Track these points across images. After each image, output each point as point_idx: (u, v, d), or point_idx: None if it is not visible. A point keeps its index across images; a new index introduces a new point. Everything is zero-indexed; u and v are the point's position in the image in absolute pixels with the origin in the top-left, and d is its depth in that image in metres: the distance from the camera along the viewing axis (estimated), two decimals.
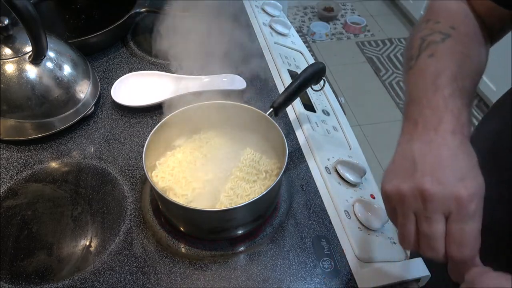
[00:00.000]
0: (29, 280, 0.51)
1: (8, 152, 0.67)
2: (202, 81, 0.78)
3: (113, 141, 0.69)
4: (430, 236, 0.36)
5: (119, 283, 0.51)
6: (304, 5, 3.03)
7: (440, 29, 0.49)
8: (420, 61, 0.47)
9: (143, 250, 0.55)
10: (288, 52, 0.91)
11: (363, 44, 2.69)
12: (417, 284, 0.53)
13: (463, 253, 0.34)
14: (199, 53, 0.74)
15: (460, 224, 0.34)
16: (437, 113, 0.40)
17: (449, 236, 0.35)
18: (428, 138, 0.39)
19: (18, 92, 0.64)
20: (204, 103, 0.63)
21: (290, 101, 0.64)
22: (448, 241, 0.35)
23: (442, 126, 0.39)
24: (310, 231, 0.57)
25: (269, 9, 1.02)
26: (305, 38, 2.72)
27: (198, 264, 0.54)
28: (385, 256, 0.54)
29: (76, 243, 0.55)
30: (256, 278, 0.52)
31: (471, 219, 0.34)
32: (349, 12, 2.99)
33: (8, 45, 0.65)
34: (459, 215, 0.35)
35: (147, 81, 0.78)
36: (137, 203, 0.60)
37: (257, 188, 0.57)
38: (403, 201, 0.38)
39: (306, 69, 0.64)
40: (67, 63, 0.70)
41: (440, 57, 0.46)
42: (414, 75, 0.47)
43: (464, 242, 0.34)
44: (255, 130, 0.64)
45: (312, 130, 0.70)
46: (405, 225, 0.38)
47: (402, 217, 0.38)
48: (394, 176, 0.39)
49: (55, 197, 0.61)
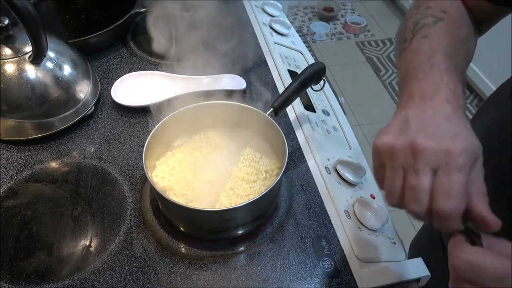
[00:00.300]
0: (29, 280, 0.51)
1: (8, 152, 0.67)
2: (202, 81, 0.78)
3: (113, 141, 0.69)
4: (416, 187, 0.36)
5: (119, 283, 0.51)
6: (304, 5, 3.03)
7: (432, 13, 0.50)
8: (414, 42, 0.48)
9: (143, 250, 0.55)
10: (288, 52, 0.91)
11: (363, 44, 2.69)
12: (417, 284, 0.53)
13: (449, 205, 0.34)
14: (199, 53, 0.75)
15: (448, 176, 0.34)
16: (433, 86, 0.41)
17: (436, 189, 0.35)
18: (423, 106, 0.40)
19: (18, 92, 0.64)
20: (204, 103, 0.63)
21: (290, 101, 0.64)
22: (435, 194, 0.35)
23: (438, 97, 0.40)
24: (310, 231, 0.57)
25: (269, 9, 1.02)
26: (305, 38, 2.72)
27: (198, 264, 0.54)
28: (385, 256, 0.54)
29: (76, 243, 0.55)
30: (256, 278, 0.52)
31: (459, 171, 0.34)
32: (349, 12, 2.99)
33: (8, 45, 0.65)
34: (447, 167, 0.35)
35: (147, 81, 0.78)
36: (137, 203, 0.60)
37: (257, 188, 0.57)
38: (393, 155, 0.38)
39: (306, 69, 0.64)
40: (67, 63, 0.70)
41: (433, 38, 0.47)
42: (409, 54, 0.48)
43: (451, 194, 0.34)
44: (255, 130, 0.64)
45: (312, 130, 0.70)
46: (394, 179, 0.38)
47: (391, 171, 0.38)
48: (386, 134, 0.39)
49: (55, 197, 0.61)
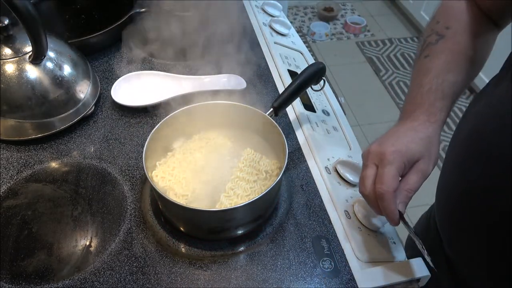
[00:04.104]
0: (29, 280, 0.51)
1: (8, 152, 0.67)
2: (202, 81, 0.78)
3: (113, 141, 0.69)
4: (363, 176, 0.50)
5: (119, 283, 0.51)
6: (304, 5, 3.03)
7: (437, 30, 0.60)
8: (419, 61, 0.60)
9: (143, 250, 0.55)
10: (288, 52, 0.91)
11: (363, 44, 2.69)
12: (417, 284, 0.53)
13: (382, 187, 0.47)
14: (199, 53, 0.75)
15: (382, 168, 0.48)
16: (413, 107, 0.55)
17: (376, 177, 0.49)
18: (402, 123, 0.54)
19: (18, 92, 0.64)
20: (204, 103, 0.63)
21: (290, 101, 0.64)
22: (375, 181, 0.49)
23: (412, 117, 0.53)
24: (310, 231, 0.57)
25: (269, 9, 1.02)
26: (305, 38, 2.72)
27: (198, 264, 0.54)
28: (385, 256, 0.54)
29: (76, 243, 0.55)
30: (256, 278, 0.52)
31: (389, 165, 0.48)
32: (349, 12, 2.99)
33: (8, 45, 0.65)
34: (382, 162, 0.49)
35: (147, 81, 0.78)
36: (137, 203, 0.60)
37: (257, 188, 0.57)
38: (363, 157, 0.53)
39: (306, 69, 0.64)
40: (67, 63, 0.70)
41: (432, 57, 0.58)
42: (414, 73, 0.59)
43: (382, 180, 0.47)
44: (255, 130, 0.64)
45: (312, 130, 0.70)
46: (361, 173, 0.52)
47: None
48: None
49: (55, 197, 0.61)
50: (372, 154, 0.51)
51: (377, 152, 0.50)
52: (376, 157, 0.50)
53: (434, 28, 0.61)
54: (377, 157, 0.50)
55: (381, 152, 0.49)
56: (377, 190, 0.48)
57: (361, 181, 0.51)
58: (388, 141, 0.51)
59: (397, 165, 0.48)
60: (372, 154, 0.51)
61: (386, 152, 0.49)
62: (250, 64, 0.82)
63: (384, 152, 0.49)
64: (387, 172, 0.48)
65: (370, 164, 0.50)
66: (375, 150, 0.50)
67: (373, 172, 0.50)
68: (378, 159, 0.50)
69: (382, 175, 0.48)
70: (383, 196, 0.47)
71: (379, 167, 0.49)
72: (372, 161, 0.50)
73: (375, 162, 0.50)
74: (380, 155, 0.49)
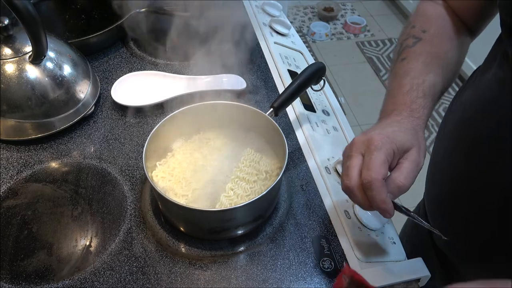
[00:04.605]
0: (29, 280, 0.51)
1: (8, 152, 0.67)
2: (202, 81, 0.78)
3: (113, 141, 0.69)
4: (348, 166, 0.46)
5: (119, 283, 0.51)
6: (304, 5, 3.03)
7: (413, 34, 0.60)
8: (396, 64, 0.59)
9: (143, 250, 0.55)
10: (288, 52, 0.91)
11: (363, 44, 2.69)
12: (417, 284, 0.53)
13: (370, 175, 0.43)
14: (199, 53, 0.75)
15: (369, 155, 0.44)
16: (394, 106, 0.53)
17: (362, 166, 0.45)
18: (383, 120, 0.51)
19: (18, 92, 0.64)
20: (204, 103, 0.63)
21: (290, 101, 0.64)
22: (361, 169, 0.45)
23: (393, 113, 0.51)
24: (310, 231, 0.57)
25: (269, 9, 1.02)
26: (305, 38, 2.72)
27: (198, 264, 0.54)
28: (385, 256, 0.54)
29: (76, 243, 0.55)
30: (256, 278, 0.52)
31: (377, 151, 0.44)
32: (349, 12, 2.99)
33: (8, 45, 0.65)
34: (368, 149, 0.45)
35: (147, 81, 0.78)
36: (137, 203, 0.60)
37: (257, 188, 0.57)
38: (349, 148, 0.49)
39: (306, 69, 0.64)
40: (67, 63, 0.70)
41: (410, 60, 0.57)
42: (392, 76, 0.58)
43: (370, 167, 0.43)
44: (255, 130, 0.64)
45: (312, 130, 0.70)
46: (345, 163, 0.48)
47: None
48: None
49: (55, 197, 0.61)
50: (358, 143, 0.47)
51: (363, 140, 0.46)
52: (362, 145, 0.46)
53: (411, 32, 0.60)
54: (363, 144, 0.46)
55: (368, 139, 0.45)
56: (364, 178, 0.43)
57: (345, 172, 0.46)
58: (374, 131, 0.47)
59: (386, 151, 0.44)
60: (358, 143, 0.47)
61: (373, 138, 0.45)
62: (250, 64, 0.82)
63: (371, 138, 0.45)
64: (375, 158, 0.43)
65: (355, 154, 0.46)
66: (360, 139, 0.47)
67: (359, 161, 0.45)
68: (364, 146, 0.46)
69: (369, 161, 0.44)
70: (371, 185, 0.43)
71: (366, 155, 0.45)
72: (358, 151, 0.46)
73: (361, 152, 0.46)
74: (367, 142, 0.45)
